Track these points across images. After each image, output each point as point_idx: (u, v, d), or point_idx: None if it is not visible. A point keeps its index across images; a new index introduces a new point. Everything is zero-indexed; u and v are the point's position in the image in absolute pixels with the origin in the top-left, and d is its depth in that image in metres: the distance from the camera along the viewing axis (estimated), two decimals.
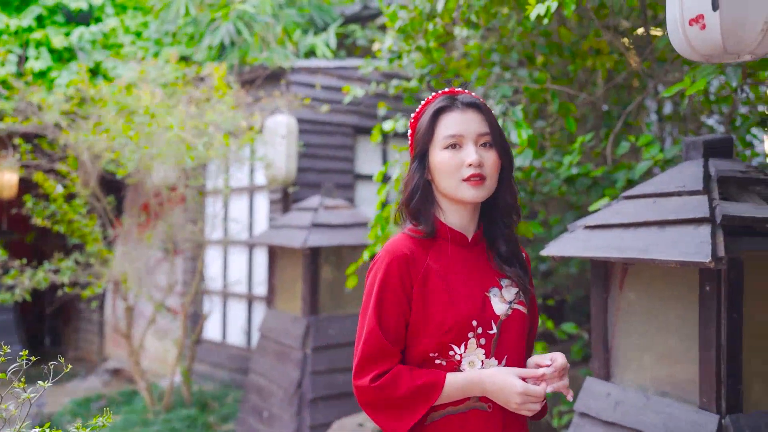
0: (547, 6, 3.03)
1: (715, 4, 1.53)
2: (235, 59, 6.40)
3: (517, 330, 1.70)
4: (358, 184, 6.47)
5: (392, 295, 1.63)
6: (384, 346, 1.62)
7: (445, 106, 1.70)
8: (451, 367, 1.63)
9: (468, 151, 1.64)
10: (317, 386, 4.86)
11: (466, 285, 1.68)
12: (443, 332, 1.61)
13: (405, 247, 1.67)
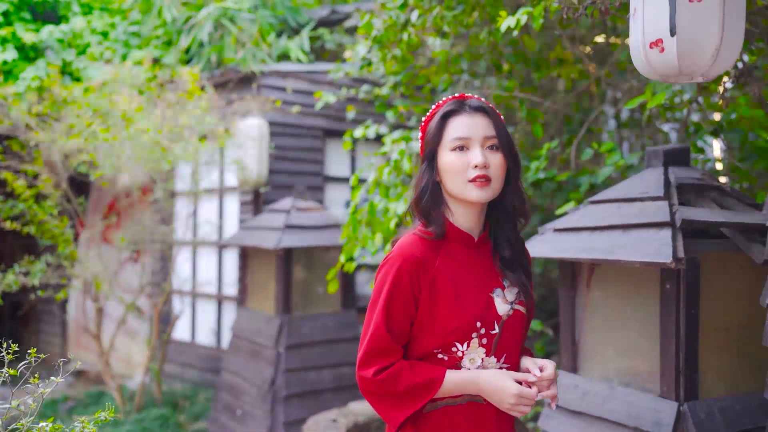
0: (517, 19, 3.20)
1: (672, 30, 1.71)
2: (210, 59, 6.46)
3: (517, 329, 1.78)
4: (327, 186, 6.59)
5: (401, 297, 1.69)
6: (388, 344, 1.69)
7: (453, 110, 1.75)
8: (453, 362, 1.71)
9: (474, 153, 1.70)
10: (291, 384, 4.97)
11: (472, 286, 1.74)
12: (448, 332, 1.69)
13: (416, 250, 1.72)
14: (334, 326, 5.34)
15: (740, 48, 1.73)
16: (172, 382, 6.73)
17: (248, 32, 6.47)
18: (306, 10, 7.60)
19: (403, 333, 1.72)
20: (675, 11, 1.66)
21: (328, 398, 5.12)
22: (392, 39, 4.59)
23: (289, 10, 7.24)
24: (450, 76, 4.86)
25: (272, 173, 6.11)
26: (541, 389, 1.72)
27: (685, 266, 2.26)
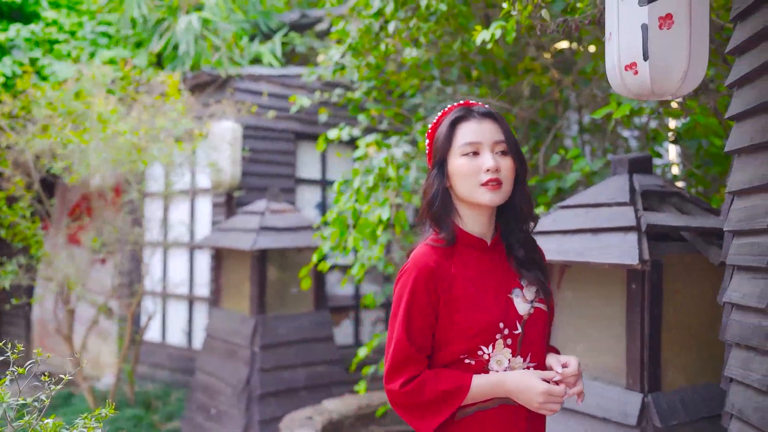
0: (491, 33, 3.36)
1: (645, 55, 1.87)
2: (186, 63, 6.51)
3: (540, 327, 1.78)
4: (298, 188, 6.69)
5: (419, 307, 1.70)
6: (411, 354, 1.70)
7: (462, 116, 1.77)
8: (480, 366, 1.71)
9: (485, 158, 1.72)
10: (266, 383, 5.06)
11: (490, 289, 1.75)
12: (472, 336, 1.69)
13: (430, 260, 1.72)
14: (308, 326, 5.45)
15: (705, 70, 1.90)
16: (142, 383, 6.75)
17: (223, 36, 6.54)
18: (276, 14, 7.69)
19: (426, 342, 1.72)
20: (647, 38, 1.82)
21: (303, 396, 5.23)
22: (367, 46, 4.72)
23: (261, 15, 7.32)
24: (420, 81, 5.01)
25: (245, 175, 6.18)
26: (568, 386, 1.73)
27: (650, 268, 2.45)
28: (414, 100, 5.45)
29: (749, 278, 2.04)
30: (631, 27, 1.88)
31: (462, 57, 4.76)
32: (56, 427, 2.05)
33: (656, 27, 1.83)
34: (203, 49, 6.51)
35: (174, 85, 5.42)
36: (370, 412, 4.97)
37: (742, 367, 2.07)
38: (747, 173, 2.06)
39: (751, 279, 2.03)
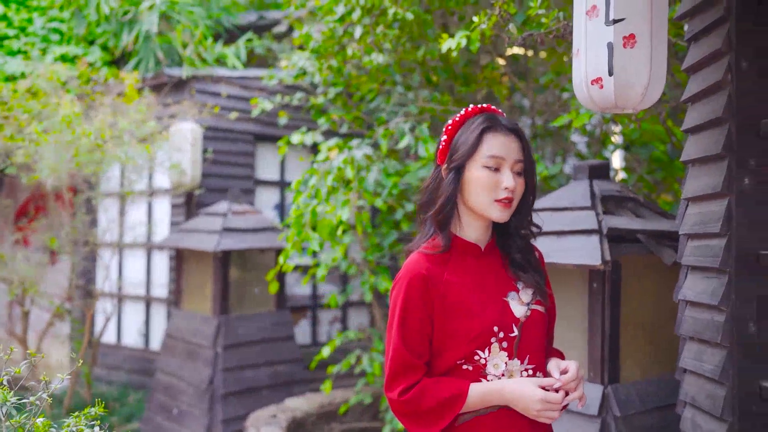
0: (457, 42, 3.50)
1: (610, 71, 2.03)
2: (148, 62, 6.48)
3: (537, 329, 1.78)
4: (257, 189, 6.73)
5: (414, 315, 1.71)
6: (408, 362, 1.70)
7: (491, 126, 1.74)
8: (477, 371, 1.71)
9: (506, 176, 1.71)
10: (228, 382, 5.11)
11: (485, 293, 1.75)
12: (468, 342, 1.69)
13: (422, 267, 1.73)
14: (270, 326, 5.51)
15: (663, 85, 2.07)
16: (98, 385, 6.68)
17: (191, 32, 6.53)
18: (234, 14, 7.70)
19: (423, 348, 1.73)
20: (612, 55, 1.97)
21: (265, 395, 5.29)
22: (330, 50, 4.81)
23: (224, 12, 7.33)
24: (379, 85, 5.14)
25: (205, 176, 6.20)
26: (569, 391, 1.73)
27: (610, 268, 2.62)
28: (374, 103, 5.57)
29: (702, 277, 2.22)
30: (598, 44, 2.03)
31: (422, 63, 4.90)
32: (45, 426, 2.09)
33: (621, 45, 1.99)
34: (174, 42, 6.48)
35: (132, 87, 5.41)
36: (333, 410, 5.07)
37: (696, 359, 2.25)
38: (700, 182, 2.24)
39: (704, 278, 2.21)
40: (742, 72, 2.05)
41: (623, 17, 1.93)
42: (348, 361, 4.74)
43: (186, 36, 6.41)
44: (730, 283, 2.04)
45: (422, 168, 4.39)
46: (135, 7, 6.63)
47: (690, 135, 2.36)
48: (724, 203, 2.07)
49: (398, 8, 3.92)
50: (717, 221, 2.09)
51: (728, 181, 2.06)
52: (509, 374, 1.71)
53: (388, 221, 5.01)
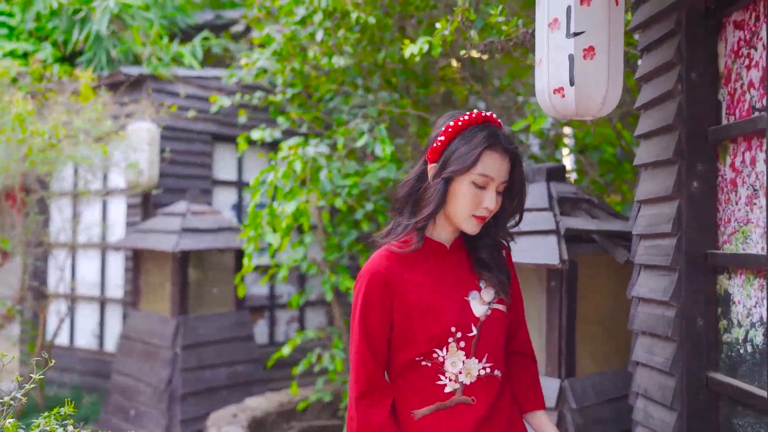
0: (419, 47, 3.59)
1: (571, 81, 2.13)
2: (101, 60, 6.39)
3: (497, 329, 1.78)
4: (215, 189, 6.71)
5: (373, 313, 1.72)
6: (367, 360, 1.73)
7: (490, 145, 1.71)
8: (436, 368, 1.72)
9: (490, 196, 1.71)
10: (187, 382, 5.10)
11: (446, 292, 1.75)
12: (425, 341, 1.70)
13: (382, 265, 1.73)
14: (229, 326, 5.52)
15: (620, 94, 2.19)
16: (50, 388, 6.57)
17: (145, 32, 6.47)
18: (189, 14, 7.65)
19: (382, 347, 1.75)
20: (573, 66, 2.08)
21: (224, 395, 5.30)
22: (292, 52, 4.85)
23: (179, 11, 7.28)
24: (338, 86, 5.20)
25: (162, 176, 6.16)
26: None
27: (567, 267, 2.74)
28: (332, 103, 5.62)
29: (654, 275, 2.36)
30: (559, 56, 2.13)
31: (381, 66, 4.98)
32: (14, 427, 2.09)
33: (581, 57, 2.09)
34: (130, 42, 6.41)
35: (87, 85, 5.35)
36: (292, 408, 5.11)
37: (648, 352, 2.38)
38: (652, 185, 2.37)
39: (656, 276, 2.34)
40: (692, 82, 2.18)
41: (583, 30, 2.03)
42: (308, 359, 4.79)
43: (140, 36, 6.35)
44: (680, 280, 2.17)
45: (381, 169, 4.46)
46: (87, 5, 6.53)
47: (642, 141, 2.50)
48: (675, 205, 2.20)
49: (361, 12, 3.99)
50: (668, 222, 2.22)
51: (678, 185, 2.19)
52: (467, 372, 1.72)
53: (347, 221, 5.07)
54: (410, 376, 1.75)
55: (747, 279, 2.00)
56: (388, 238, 1.80)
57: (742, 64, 2.05)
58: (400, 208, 1.81)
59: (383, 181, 4.62)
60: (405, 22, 5.35)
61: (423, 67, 5.25)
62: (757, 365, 1.94)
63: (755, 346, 1.95)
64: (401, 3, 4.43)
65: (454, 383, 1.72)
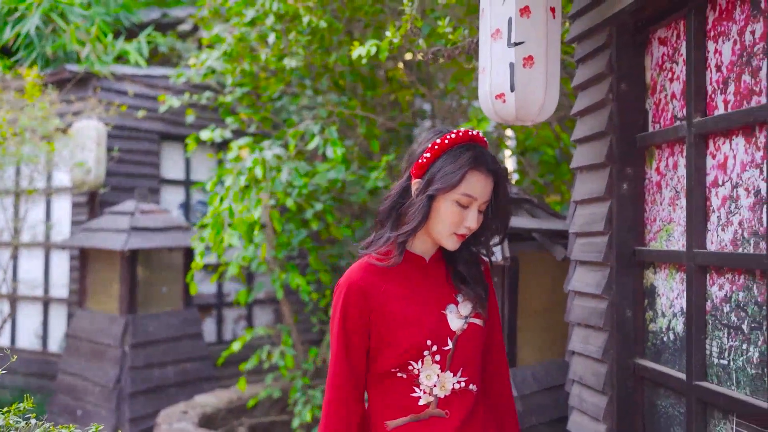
0: (367, 50, 3.71)
1: (512, 88, 2.29)
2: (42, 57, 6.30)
3: (473, 343, 1.78)
4: (163, 188, 6.70)
5: (350, 324, 1.74)
6: (344, 370, 1.75)
7: (475, 166, 1.71)
8: (411, 380, 1.73)
9: (472, 215, 1.73)
10: (136, 381, 5.11)
11: (423, 305, 1.76)
12: (401, 353, 1.71)
13: (359, 277, 1.75)
14: (177, 324, 5.54)
15: (557, 101, 2.35)
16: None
17: (85, 30, 6.41)
18: (135, 11, 7.60)
19: (362, 362, 1.77)
20: (514, 74, 2.24)
21: (173, 393, 5.32)
22: (242, 53, 4.92)
23: (124, 9, 7.22)
24: (285, 86, 5.28)
25: (109, 175, 6.13)
26: None
27: (509, 263, 2.91)
28: (281, 103, 5.70)
29: (588, 270, 2.54)
30: (501, 64, 2.28)
31: (330, 68, 5.09)
32: None
33: (521, 65, 2.25)
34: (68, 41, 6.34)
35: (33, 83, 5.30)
36: (242, 405, 5.17)
37: (583, 342, 2.56)
38: (587, 187, 2.55)
39: (590, 271, 2.52)
40: (622, 92, 2.36)
41: (523, 41, 2.19)
42: (258, 355, 4.86)
43: (81, 34, 6.30)
44: (611, 275, 2.36)
45: (331, 170, 4.58)
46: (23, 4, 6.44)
47: (578, 145, 2.68)
48: (607, 206, 2.38)
49: (312, 16, 4.09)
50: (600, 221, 2.41)
51: (610, 187, 2.37)
52: (441, 385, 1.73)
53: (296, 220, 5.16)
54: (386, 387, 1.76)
55: (670, 273, 2.19)
56: (370, 249, 1.81)
57: (666, 77, 2.24)
58: (382, 220, 1.82)
59: (332, 182, 4.73)
60: (353, 26, 5.48)
61: (370, 70, 5.38)
62: (677, 351, 2.13)
63: (676, 334, 2.14)
64: (350, 7, 4.55)
65: (428, 396, 1.73)
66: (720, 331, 1.92)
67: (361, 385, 1.79)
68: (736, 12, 1.89)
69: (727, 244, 1.90)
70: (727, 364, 1.88)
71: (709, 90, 2.00)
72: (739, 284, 1.85)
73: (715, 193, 1.96)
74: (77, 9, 6.40)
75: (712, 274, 1.97)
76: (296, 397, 4.78)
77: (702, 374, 1.97)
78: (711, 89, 2.00)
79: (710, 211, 1.98)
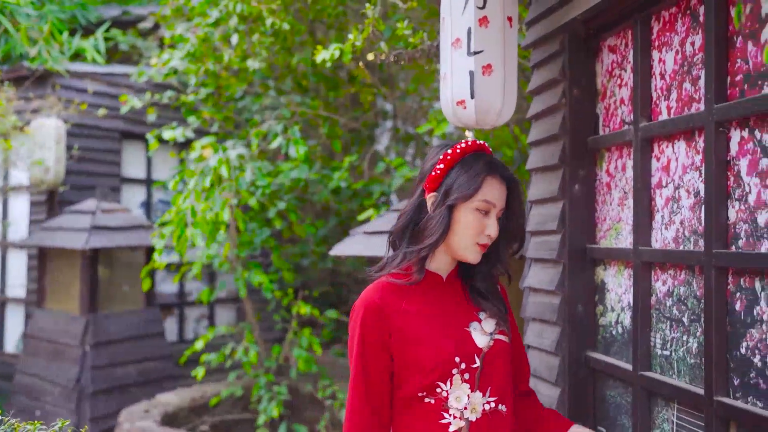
0: (331, 53, 3.78)
1: (472, 95, 2.39)
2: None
3: (501, 360, 1.72)
4: (124, 187, 6.67)
5: (371, 348, 1.66)
6: (362, 399, 1.67)
7: (492, 172, 1.71)
8: (440, 404, 1.64)
9: (492, 222, 1.70)
10: (97, 380, 5.10)
11: (446, 323, 1.70)
12: (427, 373, 1.63)
13: (377, 296, 1.68)
14: (139, 323, 5.54)
15: (514, 106, 2.46)
16: None
17: (38, 28, 6.33)
18: (94, 7, 7.52)
19: (383, 386, 1.68)
20: (473, 81, 2.34)
21: (135, 392, 5.32)
22: (206, 54, 4.95)
23: (79, 7, 7.15)
24: (247, 85, 5.32)
25: (68, 174, 6.08)
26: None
27: None
28: (243, 104, 5.73)
29: (543, 268, 2.65)
30: (462, 72, 2.38)
31: (293, 69, 5.15)
32: None
33: (480, 73, 2.35)
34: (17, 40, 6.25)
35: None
36: (204, 403, 5.20)
37: (537, 337, 2.67)
38: (541, 187, 2.66)
39: (544, 268, 2.64)
40: (574, 97, 2.48)
41: (482, 50, 2.29)
42: (222, 352, 4.90)
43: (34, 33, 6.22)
44: (564, 272, 2.47)
45: (294, 169, 4.64)
46: None
47: (533, 147, 2.79)
48: (560, 206, 2.50)
49: (275, 18, 4.15)
50: (554, 221, 2.52)
51: (563, 188, 2.48)
52: (472, 407, 1.64)
53: (259, 219, 5.21)
54: (412, 415, 1.67)
55: (618, 269, 2.31)
56: (384, 271, 1.75)
57: (615, 83, 2.36)
58: (396, 241, 1.78)
59: (295, 181, 4.79)
60: (316, 27, 5.54)
61: (333, 71, 5.45)
62: (625, 344, 2.26)
63: (624, 327, 2.27)
64: (313, 9, 4.62)
65: (459, 420, 1.64)
66: (663, 324, 2.04)
67: (382, 412, 1.68)
68: (678, 24, 2.01)
69: (670, 242, 2.02)
70: (669, 354, 2.01)
71: (654, 96, 2.13)
72: (680, 279, 1.97)
73: (660, 193, 2.08)
74: (27, 9, 6.31)
75: (656, 270, 2.09)
76: (260, 394, 4.83)
77: (647, 365, 2.09)
78: (656, 96, 2.12)
79: (655, 211, 2.11)
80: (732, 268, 1.75)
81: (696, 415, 1.86)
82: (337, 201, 5.16)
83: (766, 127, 1.65)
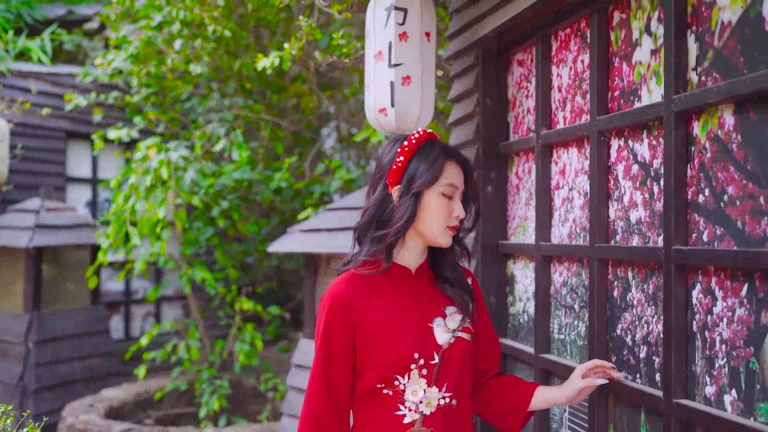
0: (271, 61, 3.96)
1: (392, 103, 2.60)
2: None
3: (460, 357, 1.74)
4: (69, 186, 6.70)
5: (335, 339, 1.69)
6: (321, 390, 1.70)
7: (449, 156, 1.75)
8: (397, 396, 1.68)
9: (458, 204, 1.74)
10: (41, 377, 5.16)
11: (409, 317, 1.72)
12: (386, 367, 1.66)
13: (343, 289, 1.70)
14: (84, 320, 5.61)
15: (432, 113, 2.68)
16: None
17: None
18: (39, 6, 7.51)
19: (343, 376, 1.71)
20: (393, 91, 2.55)
21: (79, 389, 5.39)
22: (149, 56, 5.06)
23: (25, 5, 7.14)
24: (192, 88, 5.44)
25: (12, 173, 6.10)
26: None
27: None
28: (189, 104, 5.85)
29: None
30: (383, 82, 2.59)
31: (237, 73, 5.29)
32: None
33: (400, 84, 2.57)
34: None
35: None
36: (149, 398, 5.30)
37: None
38: None
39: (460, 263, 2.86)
40: (487, 106, 2.71)
41: (401, 62, 2.51)
42: (165, 349, 5.02)
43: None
44: (479, 265, 2.70)
45: (236, 170, 4.79)
46: None
47: None
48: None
49: (217, 26, 4.30)
50: (469, 219, 2.75)
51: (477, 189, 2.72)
52: (427, 401, 1.68)
53: (203, 218, 5.34)
54: (370, 406, 1.71)
55: (525, 263, 2.55)
56: (350, 264, 1.78)
57: (523, 94, 2.60)
58: (361, 236, 1.79)
59: (238, 182, 4.95)
60: (260, 32, 5.69)
61: (276, 75, 5.62)
62: (530, 330, 2.50)
63: (529, 315, 2.51)
64: (255, 17, 4.77)
65: (413, 413, 1.68)
66: (559, 311, 2.29)
67: (340, 402, 1.72)
68: (571, 43, 2.26)
69: (565, 238, 2.27)
70: (564, 338, 2.25)
71: (553, 107, 2.37)
72: (573, 271, 2.22)
73: (558, 194, 2.33)
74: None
75: (554, 263, 2.33)
76: (202, 387, 4.96)
77: (546, 348, 2.33)
78: (555, 107, 2.36)
79: (554, 210, 2.35)
80: (611, 260, 1.99)
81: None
82: (279, 201, 5.33)
83: (637, 137, 1.90)
